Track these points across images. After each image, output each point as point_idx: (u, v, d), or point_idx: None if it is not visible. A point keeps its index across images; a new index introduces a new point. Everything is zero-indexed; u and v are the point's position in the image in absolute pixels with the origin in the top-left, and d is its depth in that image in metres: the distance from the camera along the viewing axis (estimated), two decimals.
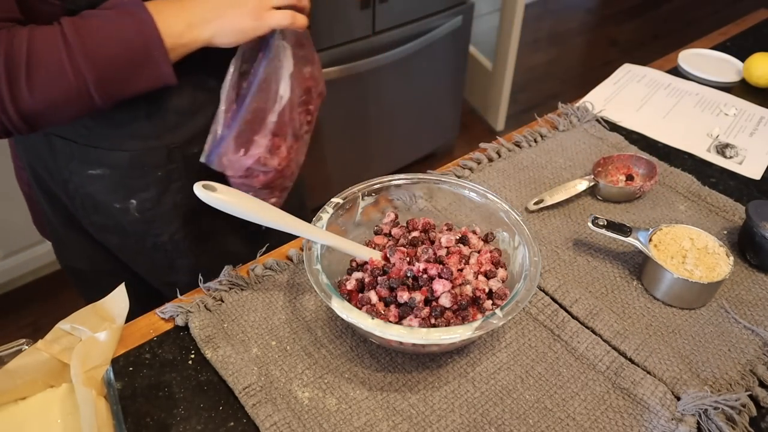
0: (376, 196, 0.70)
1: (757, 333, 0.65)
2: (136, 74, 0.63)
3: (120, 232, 0.80)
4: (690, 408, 0.56)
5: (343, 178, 1.92)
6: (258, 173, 0.77)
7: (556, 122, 0.95)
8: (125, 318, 0.55)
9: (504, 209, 0.67)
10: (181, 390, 0.59)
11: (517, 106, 2.60)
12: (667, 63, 1.15)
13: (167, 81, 0.65)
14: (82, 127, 0.71)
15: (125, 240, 0.82)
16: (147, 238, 0.81)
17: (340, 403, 0.57)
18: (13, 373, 0.52)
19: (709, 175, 0.87)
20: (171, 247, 0.82)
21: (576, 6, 3.45)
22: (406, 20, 1.79)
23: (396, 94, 1.94)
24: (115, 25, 0.61)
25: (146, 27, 0.61)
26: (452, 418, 0.57)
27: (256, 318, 0.65)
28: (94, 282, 0.91)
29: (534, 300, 0.67)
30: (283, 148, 0.78)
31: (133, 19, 0.61)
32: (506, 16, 2.20)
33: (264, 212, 0.59)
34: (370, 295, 0.60)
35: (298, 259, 0.71)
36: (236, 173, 0.75)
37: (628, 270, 0.72)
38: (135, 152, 0.73)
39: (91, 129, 0.71)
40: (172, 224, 0.80)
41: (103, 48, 0.60)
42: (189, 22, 0.63)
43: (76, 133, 0.72)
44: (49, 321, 0.55)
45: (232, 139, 0.72)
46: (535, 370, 0.61)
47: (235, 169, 0.74)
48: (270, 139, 0.75)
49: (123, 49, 0.61)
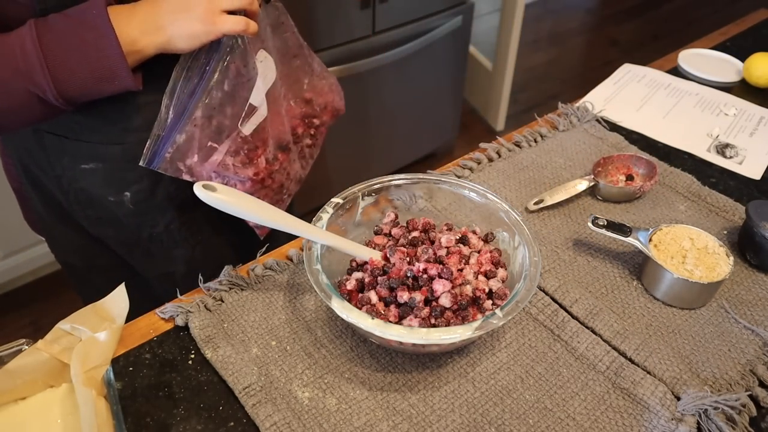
0: (376, 196, 0.70)
1: (757, 333, 0.65)
2: (99, 87, 0.63)
3: (116, 225, 0.81)
4: (690, 408, 0.56)
5: (343, 178, 1.92)
6: (234, 182, 0.76)
7: (556, 122, 0.95)
8: (125, 318, 0.55)
9: (504, 209, 0.67)
10: (181, 390, 0.59)
11: (517, 106, 2.60)
12: (667, 63, 1.15)
13: (131, 89, 0.65)
14: (73, 122, 0.71)
15: (121, 232, 0.82)
16: (143, 229, 0.81)
17: (340, 403, 0.57)
18: (13, 373, 0.52)
19: (709, 175, 0.87)
20: (167, 237, 0.82)
21: (576, 6, 3.45)
22: (406, 20, 1.79)
23: (396, 94, 1.94)
24: (78, 39, 0.61)
25: (108, 44, 0.61)
26: (452, 418, 0.57)
27: (256, 318, 0.65)
28: (86, 277, 0.92)
29: (534, 300, 0.67)
30: (261, 159, 0.76)
31: (96, 33, 0.61)
32: (506, 16, 2.20)
33: (264, 212, 0.59)
34: (370, 295, 0.60)
35: (298, 259, 0.71)
36: (199, 179, 0.73)
37: (628, 270, 0.72)
38: (128, 145, 0.73)
39: (82, 124, 0.71)
40: (167, 215, 0.80)
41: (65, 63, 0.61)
42: (142, 29, 0.63)
43: (66, 128, 0.72)
44: (49, 321, 0.55)
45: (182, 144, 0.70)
46: (535, 370, 0.61)
47: (196, 175, 0.73)
48: (237, 147, 0.74)
49: (85, 67, 0.61)
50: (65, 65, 0.61)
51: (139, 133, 0.72)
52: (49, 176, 0.78)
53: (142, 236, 0.82)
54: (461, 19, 1.93)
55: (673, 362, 0.61)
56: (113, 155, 0.74)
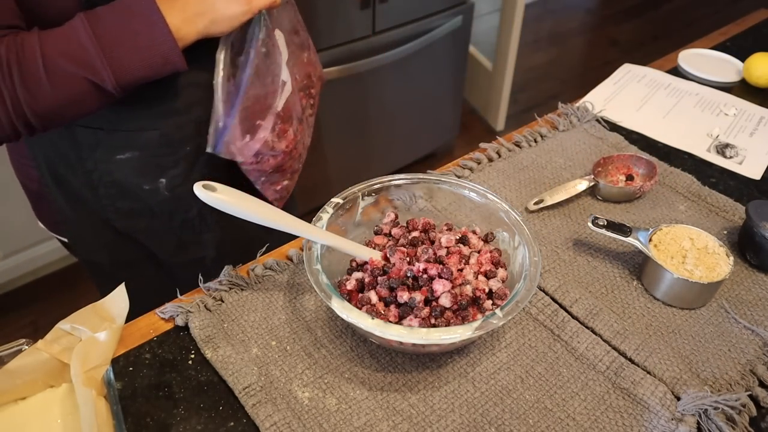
0: (376, 196, 0.70)
1: (757, 333, 0.65)
2: (152, 72, 0.66)
3: (147, 215, 0.82)
4: (690, 408, 0.56)
5: (343, 178, 1.93)
6: (267, 157, 0.80)
7: (556, 122, 0.95)
8: (125, 318, 0.55)
9: (504, 209, 0.67)
10: (181, 390, 0.59)
11: (517, 106, 2.60)
12: (667, 63, 1.15)
13: (181, 70, 0.67)
14: (111, 112, 0.72)
15: (153, 221, 0.83)
16: (175, 216, 0.83)
17: (340, 403, 0.57)
18: (13, 373, 0.52)
19: (709, 175, 0.87)
20: (199, 222, 0.85)
21: (576, 6, 3.45)
22: (406, 20, 1.79)
23: (396, 94, 1.94)
24: (130, 29, 0.63)
25: (160, 33, 0.64)
26: (452, 418, 0.57)
27: (256, 318, 0.65)
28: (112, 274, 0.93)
29: (534, 300, 0.67)
30: (290, 131, 0.81)
31: (147, 22, 0.63)
32: (506, 16, 2.20)
33: (264, 212, 0.59)
34: (370, 295, 0.60)
35: (298, 259, 0.71)
36: (246, 159, 0.78)
37: (628, 270, 0.72)
38: (165, 130, 0.75)
39: (120, 113, 0.73)
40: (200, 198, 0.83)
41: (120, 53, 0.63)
42: (183, 18, 0.65)
43: (102, 119, 0.73)
44: (49, 321, 0.55)
45: (236, 126, 0.74)
46: (535, 370, 0.61)
47: (245, 155, 0.77)
48: (274, 123, 0.77)
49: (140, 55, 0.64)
50: (120, 54, 0.63)
51: (177, 117, 0.75)
52: (77, 173, 0.79)
53: (174, 224, 0.83)
54: (461, 19, 1.94)
55: (673, 362, 0.61)
56: (150, 142, 0.75)
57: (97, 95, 0.64)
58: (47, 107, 0.62)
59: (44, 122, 0.63)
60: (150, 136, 0.75)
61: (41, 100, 0.61)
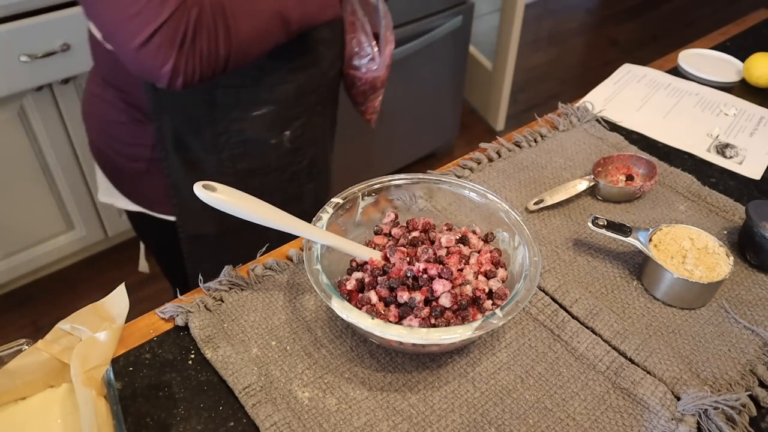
0: (376, 196, 0.70)
1: (757, 333, 0.65)
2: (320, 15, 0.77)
3: (262, 173, 0.90)
4: (690, 408, 0.56)
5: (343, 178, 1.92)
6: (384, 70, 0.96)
7: (556, 122, 0.95)
8: (125, 318, 0.55)
9: (504, 209, 0.67)
10: (181, 390, 0.59)
11: (517, 106, 2.60)
12: (667, 63, 1.15)
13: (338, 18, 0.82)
14: (254, 68, 0.79)
15: (266, 179, 0.91)
16: (287, 170, 0.92)
17: (340, 403, 0.57)
18: (13, 373, 0.52)
19: (709, 175, 0.87)
20: (305, 173, 0.94)
21: (576, 6, 3.46)
22: (406, 20, 1.79)
23: (396, 94, 1.94)
24: None
25: None
26: (452, 418, 0.57)
27: (256, 318, 0.65)
28: (216, 245, 0.96)
29: (534, 300, 0.67)
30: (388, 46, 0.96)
31: None
32: (506, 16, 2.20)
33: (264, 212, 0.59)
34: (370, 295, 0.60)
35: (298, 259, 0.71)
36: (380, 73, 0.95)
37: (628, 270, 0.72)
38: (300, 83, 0.84)
39: (263, 68, 0.80)
40: (313, 147, 0.93)
41: None
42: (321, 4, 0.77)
43: (246, 76, 0.80)
44: (49, 321, 0.55)
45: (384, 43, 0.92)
46: (535, 370, 0.61)
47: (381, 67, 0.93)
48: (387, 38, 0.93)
49: None
50: None
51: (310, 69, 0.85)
52: (205, 137, 0.84)
53: (284, 179, 0.92)
54: (461, 19, 1.94)
55: (673, 362, 0.61)
56: (285, 94, 0.84)
57: (277, 32, 0.73)
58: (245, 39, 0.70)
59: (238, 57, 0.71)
60: (286, 89, 0.83)
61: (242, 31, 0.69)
